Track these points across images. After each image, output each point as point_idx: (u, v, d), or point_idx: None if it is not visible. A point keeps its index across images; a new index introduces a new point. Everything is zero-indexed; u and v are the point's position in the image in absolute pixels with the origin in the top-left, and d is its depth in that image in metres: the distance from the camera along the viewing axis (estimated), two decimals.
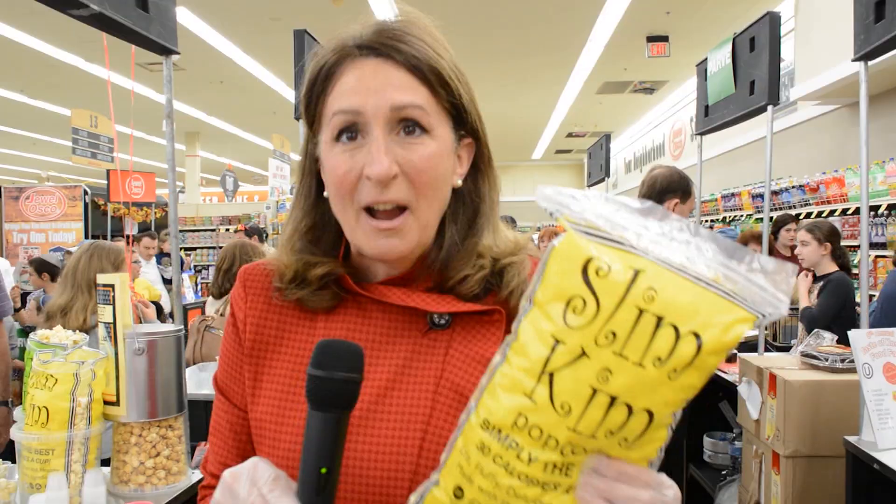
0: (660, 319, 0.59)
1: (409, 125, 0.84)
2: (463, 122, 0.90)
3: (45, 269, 5.79)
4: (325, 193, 0.91)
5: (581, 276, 0.61)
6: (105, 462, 2.02)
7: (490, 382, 0.67)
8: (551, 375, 0.62)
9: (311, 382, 0.74)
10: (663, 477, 0.66)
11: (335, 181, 0.86)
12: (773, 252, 5.11)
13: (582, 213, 0.63)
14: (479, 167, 0.94)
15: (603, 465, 0.64)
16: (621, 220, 0.63)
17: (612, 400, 0.61)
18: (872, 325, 3.17)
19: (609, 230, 0.62)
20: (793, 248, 5.07)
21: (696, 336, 0.59)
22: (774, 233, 5.88)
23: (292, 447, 0.86)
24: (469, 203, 0.92)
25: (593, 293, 0.60)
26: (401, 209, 0.85)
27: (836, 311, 4.23)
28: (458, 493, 0.68)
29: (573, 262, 0.62)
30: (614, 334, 0.60)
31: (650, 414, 0.61)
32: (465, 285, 0.88)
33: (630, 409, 0.61)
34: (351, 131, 0.85)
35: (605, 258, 0.60)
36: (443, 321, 0.88)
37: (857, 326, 2.72)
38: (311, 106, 0.91)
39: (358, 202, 0.85)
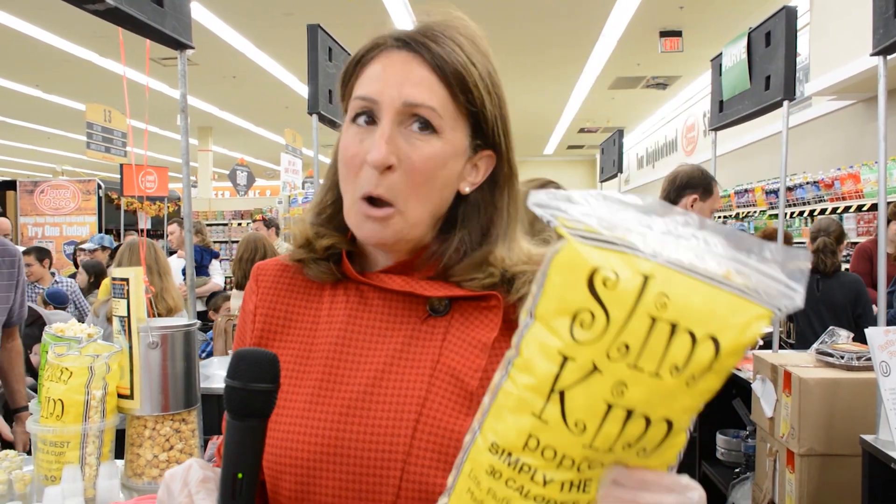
0: (674, 326, 0.56)
1: (419, 122, 0.86)
2: (482, 132, 0.91)
3: (44, 255, 5.81)
4: None
5: (587, 288, 0.57)
6: (119, 455, 2.03)
7: (494, 403, 0.64)
8: (562, 394, 0.59)
9: (227, 392, 0.76)
10: (686, 479, 0.65)
11: (343, 160, 0.90)
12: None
13: (580, 217, 0.59)
14: (497, 181, 0.94)
15: (623, 475, 0.63)
16: (622, 220, 0.59)
17: (629, 413, 0.58)
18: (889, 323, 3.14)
19: (611, 233, 0.58)
20: None
21: (714, 340, 0.56)
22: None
23: (289, 429, 0.88)
24: (483, 212, 0.93)
25: (602, 305, 0.57)
26: (391, 204, 0.87)
27: None
28: None
29: (577, 274, 0.58)
30: (627, 347, 0.56)
31: (669, 423, 0.59)
32: (471, 284, 0.90)
33: (648, 420, 0.58)
34: (367, 116, 0.88)
35: (611, 266, 0.57)
36: (441, 307, 0.90)
37: None
38: (343, 88, 0.95)
39: (357, 189, 0.88)
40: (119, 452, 2.01)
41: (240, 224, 14.73)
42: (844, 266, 5.53)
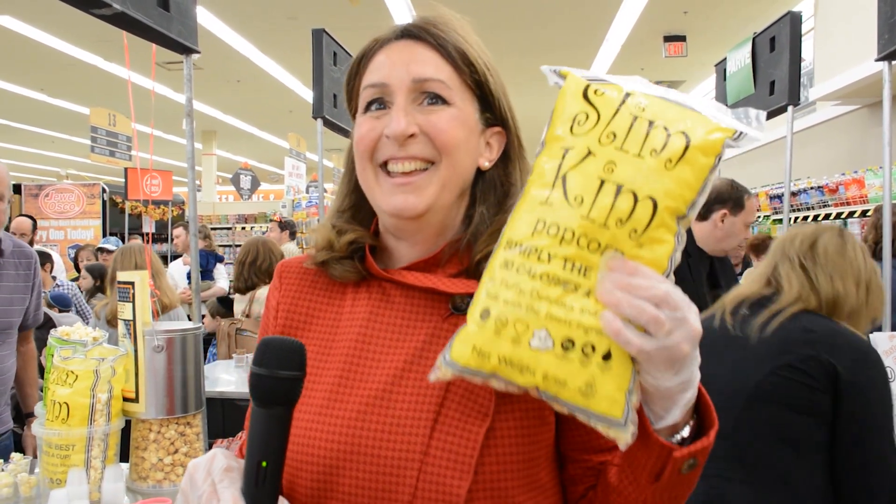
0: (651, 122, 0.71)
1: (430, 97, 0.90)
2: (489, 106, 0.94)
3: (45, 259, 5.81)
4: None
5: (582, 98, 0.74)
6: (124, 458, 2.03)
7: (511, 218, 0.75)
8: (564, 177, 0.72)
9: (253, 380, 0.76)
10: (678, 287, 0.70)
11: (357, 139, 0.92)
12: None
13: (584, 73, 0.76)
14: (510, 155, 0.97)
15: (619, 261, 0.69)
16: (617, 79, 0.75)
17: (619, 188, 0.70)
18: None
19: (606, 78, 0.75)
20: None
21: (684, 134, 0.70)
22: None
23: (308, 426, 0.89)
24: (499, 187, 0.96)
25: (593, 106, 0.73)
26: (422, 170, 0.89)
27: None
28: (485, 314, 0.72)
29: (575, 92, 0.75)
30: (614, 134, 0.71)
31: (654, 202, 0.69)
32: None
33: (635, 197, 0.69)
34: (379, 103, 0.91)
35: (601, 86, 0.74)
36: (464, 304, 0.90)
37: None
38: (350, 86, 0.97)
39: (377, 159, 0.90)
40: (124, 456, 2.01)
41: (243, 228, 14.74)
42: None
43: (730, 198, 3.16)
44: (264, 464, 0.75)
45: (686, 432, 0.78)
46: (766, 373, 1.75)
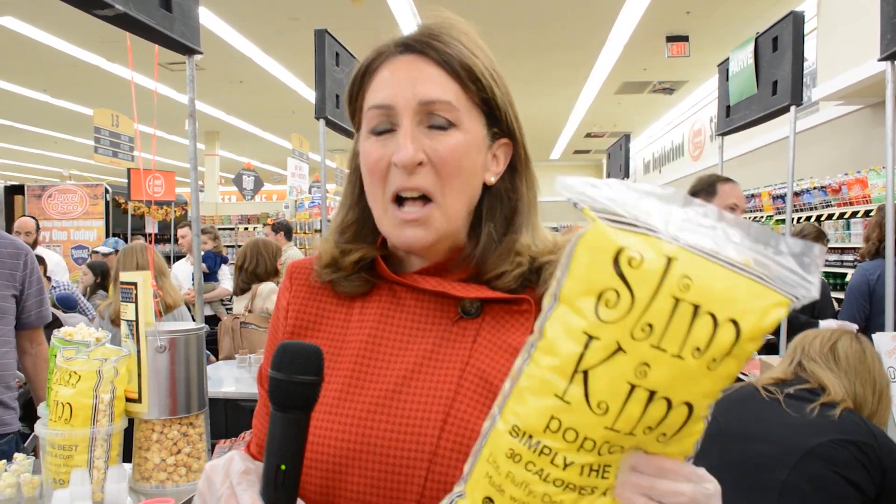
0: (696, 308, 0.57)
1: (437, 120, 0.88)
2: (497, 120, 0.93)
3: (39, 261, 5.81)
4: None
5: (613, 267, 0.59)
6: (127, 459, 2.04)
7: (515, 387, 0.64)
8: (585, 374, 0.60)
9: (271, 384, 0.76)
10: (702, 471, 0.66)
11: (368, 167, 0.90)
12: None
13: (605, 203, 0.61)
14: (516, 167, 0.96)
15: (642, 462, 0.64)
16: (645, 207, 0.61)
17: (651, 395, 0.59)
18: None
19: (635, 218, 0.60)
20: None
21: (735, 323, 0.57)
22: None
23: (317, 425, 0.89)
24: (506, 201, 0.94)
25: (627, 285, 0.58)
26: (426, 199, 0.88)
27: None
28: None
29: (603, 254, 0.59)
30: (651, 326, 0.58)
31: (690, 407, 0.60)
32: (503, 280, 0.90)
33: (669, 403, 0.59)
34: (385, 125, 0.89)
35: (636, 247, 0.58)
36: (473, 309, 0.90)
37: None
38: (353, 101, 0.95)
39: (388, 191, 0.89)
40: (127, 456, 2.02)
41: (246, 228, 14.75)
42: (827, 269, 6.20)
43: (701, 189, 3.16)
44: (283, 467, 0.76)
45: None
46: (828, 439, 1.81)
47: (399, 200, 0.89)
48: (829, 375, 1.95)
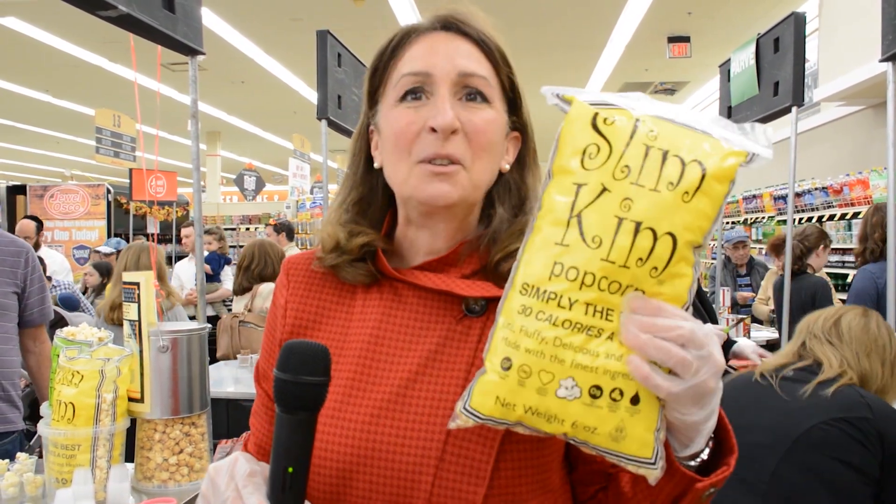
0: (665, 153, 0.68)
1: (471, 93, 0.88)
2: (516, 108, 0.94)
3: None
4: (376, 165, 0.94)
5: (591, 128, 0.70)
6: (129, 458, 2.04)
7: (522, 256, 0.72)
8: (579, 216, 0.69)
9: (277, 385, 0.74)
10: (698, 321, 0.69)
11: (395, 132, 0.89)
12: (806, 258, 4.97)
13: (586, 96, 0.73)
14: (526, 161, 0.97)
15: (640, 302, 0.68)
16: (621, 100, 0.72)
17: (637, 225, 0.67)
18: None
19: (611, 101, 0.72)
20: None
21: (699, 163, 0.68)
22: None
23: (321, 429, 0.87)
24: (515, 191, 0.95)
25: (604, 138, 0.70)
26: (457, 163, 0.88)
27: None
28: (506, 363, 0.70)
29: (583, 121, 0.71)
30: (628, 168, 0.68)
31: (673, 237, 0.67)
32: (511, 262, 0.89)
33: (654, 233, 0.67)
34: (416, 93, 0.88)
35: (609, 113, 0.71)
36: (478, 307, 0.89)
37: None
38: (378, 75, 0.94)
39: (416, 156, 0.87)
40: (129, 456, 2.02)
41: (248, 229, 14.76)
42: (829, 270, 6.36)
43: None
44: (290, 469, 0.74)
45: (706, 454, 0.79)
46: (819, 421, 1.79)
47: (431, 162, 0.87)
48: (827, 350, 1.92)
